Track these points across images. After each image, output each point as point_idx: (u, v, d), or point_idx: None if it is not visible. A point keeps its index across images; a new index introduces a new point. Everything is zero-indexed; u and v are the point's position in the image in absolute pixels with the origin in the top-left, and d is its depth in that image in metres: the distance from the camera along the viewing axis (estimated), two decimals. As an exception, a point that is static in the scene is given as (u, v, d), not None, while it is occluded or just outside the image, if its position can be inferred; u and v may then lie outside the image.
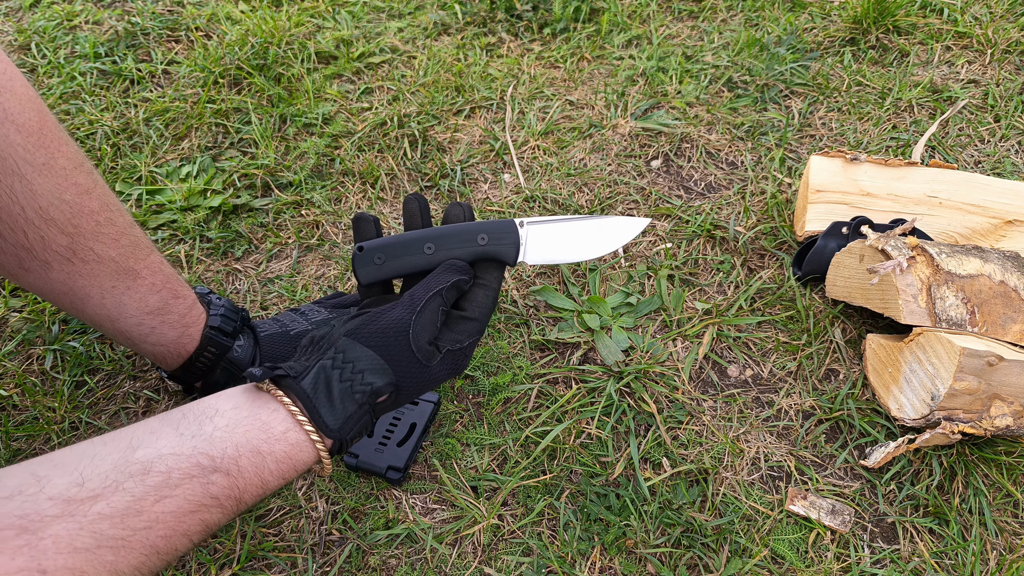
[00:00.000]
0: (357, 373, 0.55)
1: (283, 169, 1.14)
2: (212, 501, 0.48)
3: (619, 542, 0.76)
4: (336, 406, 0.54)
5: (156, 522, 0.44)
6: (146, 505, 0.44)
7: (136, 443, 0.47)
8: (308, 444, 0.53)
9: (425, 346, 0.58)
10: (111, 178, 1.13)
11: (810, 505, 0.79)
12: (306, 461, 0.54)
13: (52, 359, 0.91)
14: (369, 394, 0.56)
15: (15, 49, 1.36)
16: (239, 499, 0.50)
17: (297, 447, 0.53)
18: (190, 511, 0.46)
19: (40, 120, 0.62)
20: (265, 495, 0.52)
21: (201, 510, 0.47)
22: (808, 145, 1.16)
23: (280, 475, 0.52)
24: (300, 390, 0.54)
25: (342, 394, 0.55)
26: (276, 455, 0.51)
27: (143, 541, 0.43)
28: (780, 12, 1.40)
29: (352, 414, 0.55)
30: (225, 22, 1.38)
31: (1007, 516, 0.79)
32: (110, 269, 0.69)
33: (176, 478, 0.46)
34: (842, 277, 0.91)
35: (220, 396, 0.54)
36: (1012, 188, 0.99)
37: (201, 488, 0.47)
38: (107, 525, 0.42)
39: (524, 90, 1.26)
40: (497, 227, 0.64)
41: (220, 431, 0.50)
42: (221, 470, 0.48)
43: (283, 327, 0.83)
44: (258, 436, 0.51)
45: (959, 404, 0.76)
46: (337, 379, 0.55)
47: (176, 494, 0.45)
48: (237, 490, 0.49)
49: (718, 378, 0.90)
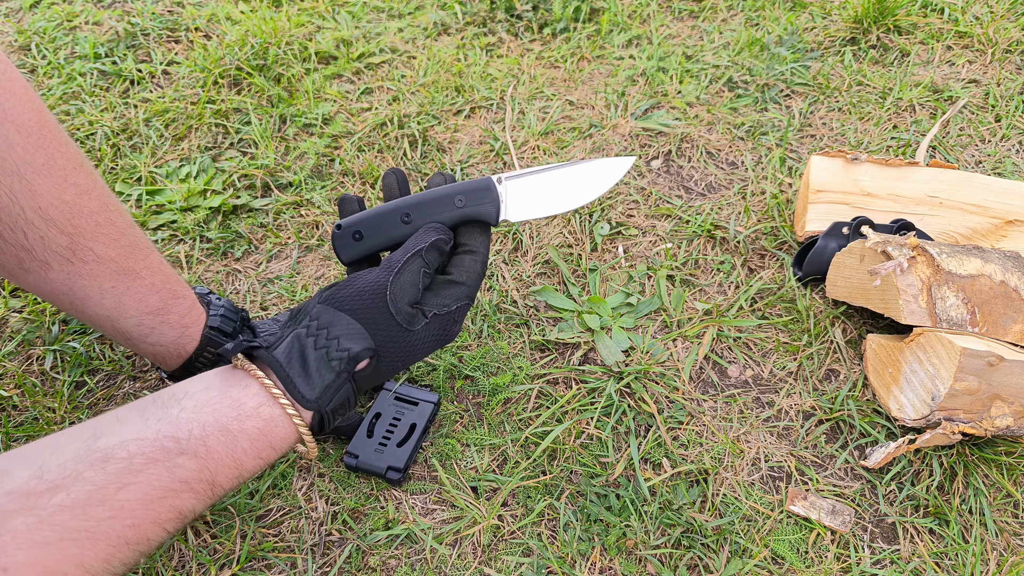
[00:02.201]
0: (332, 339, 0.53)
1: (283, 169, 1.14)
2: (181, 485, 0.45)
3: (619, 542, 0.76)
4: (312, 375, 0.51)
5: (121, 511, 0.42)
6: (108, 494, 0.42)
7: (100, 432, 0.45)
8: (284, 418, 0.51)
9: (406, 308, 0.56)
10: (111, 178, 1.13)
11: (810, 505, 0.78)
12: (283, 438, 0.51)
13: (52, 359, 0.91)
14: (347, 360, 0.53)
15: (15, 50, 1.36)
16: (212, 482, 0.47)
17: (271, 422, 0.50)
18: (158, 497, 0.44)
19: (40, 120, 0.62)
20: (243, 477, 0.49)
21: (170, 495, 0.45)
22: (808, 145, 1.16)
23: (255, 454, 0.49)
24: (272, 360, 0.52)
25: (318, 362, 0.52)
26: (248, 432, 0.49)
27: (109, 531, 0.42)
28: (780, 12, 1.40)
29: (330, 383, 0.52)
30: (225, 22, 1.38)
31: (1007, 516, 0.78)
32: (110, 269, 0.69)
33: (139, 464, 0.44)
34: (842, 277, 0.91)
35: (193, 379, 0.52)
36: (1013, 188, 0.99)
37: (167, 472, 0.45)
38: (68, 516, 0.40)
39: (524, 90, 1.26)
40: (474, 186, 0.62)
41: (187, 412, 0.48)
42: (188, 452, 0.46)
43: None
44: (227, 414, 0.49)
45: (959, 404, 0.76)
46: (312, 346, 0.52)
47: (139, 480, 0.44)
48: (208, 472, 0.47)
49: (718, 378, 0.90)
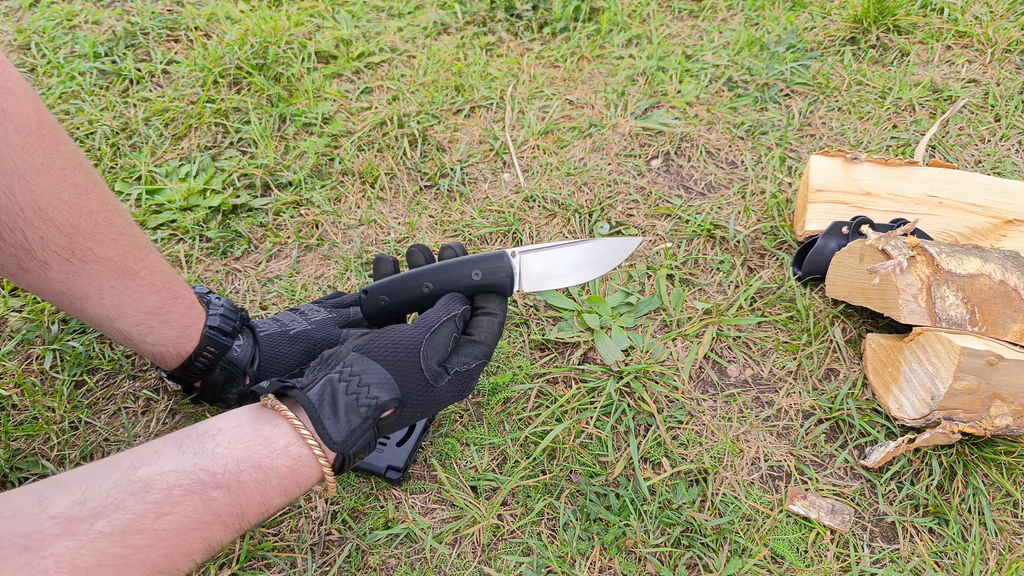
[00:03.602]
0: (363, 386, 0.56)
1: (283, 169, 1.14)
2: (214, 518, 0.47)
3: (619, 542, 0.76)
4: (340, 418, 0.54)
5: (157, 540, 0.44)
6: (147, 523, 0.44)
7: (138, 462, 0.47)
8: (311, 458, 0.53)
9: (434, 366, 0.60)
10: (110, 178, 1.13)
11: (810, 505, 0.79)
12: (308, 477, 0.54)
13: (51, 359, 0.91)
14: (374, 408, 0.56)
15: (15, 49, 1.36)
16: (241, 516, 0.49)
17: (299, 461, 0.53)
18: (192, 528, 0.46)
19: (39, 120, 0.62)
20: (267, 514, 0.52)
21: (203, 527, 0.46)
22: (808, 144, 1.16)
23: (283, 491, 0.52)
24: (306, 400, 0.55)
25: (347, 407, 0.55)
26: (278, 470, 0.51)
27: (144, 560, 0.43)
28: (780, 11, 1.40)
29: (356, 427, 0.55)
30: (225, 22, 1.38)
31: (1007, 516, 0.78)
32: (109, 269, 0.69)
33: (177, 495, 0.46)
34: (842, 277, 0.91)
35: (223, 416, 0.54)
36: (1012, 187, 0.99)
37: (202, 505, 0.47)
38: (108, 543, 0.42)
39: (524, 89, 1.26)
40: (489, 260, 0.67)
41: (221, 447, 0.50)
42: (222, 486, 0.48)
43: (282, 327, 0.83)
44: (260, 451, 0.51)
45: (959, 404, 0.76)
46: (343, 392, 0.55)
47: (176, 511, 0.45)
48: (239, 507, 0.49)
49: (718, 378, 0.90)
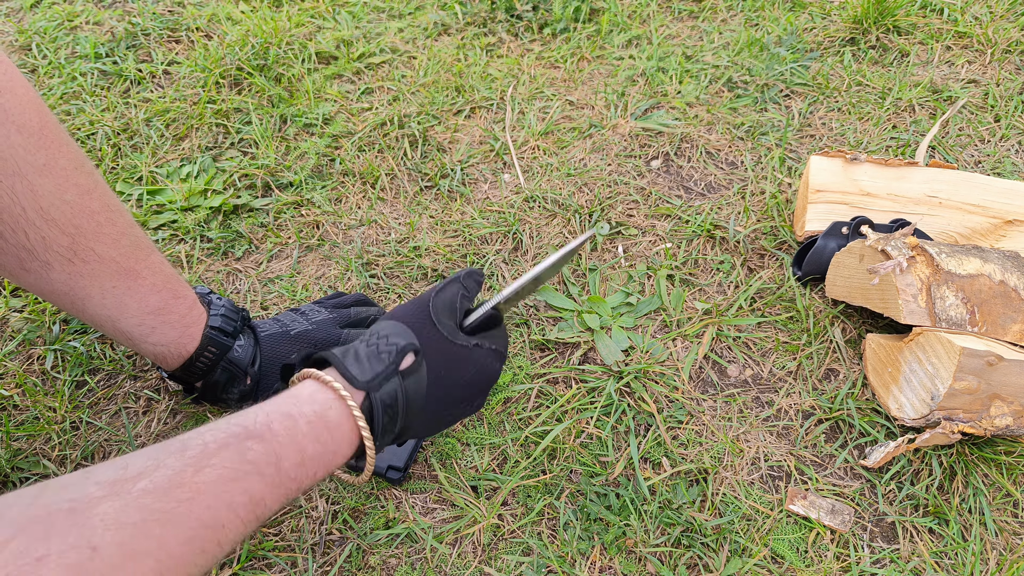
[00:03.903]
0: (382, 338, 0.60)
1: (283, 169, 1.14)
2: (251, 467, 0.49)
3: (619, 542, 0.76)
4: (363, 363, 0.58)
5: (198, 492, 0.45)
6: (187, 477, 0.45)
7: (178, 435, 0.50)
8: (336, 400, 0.56)
9: (447, 321, 0.63)
10: (112, 178, 1.13)
11: (810, 505, 0.79)
12: (337, 420, 0.55)
13: (53, 359, 0.91)
14: (395, 353, 0.58)
15: (16, 50, 1.36)
16: (278, 465, 0.50)
17: (325, 405, 0.55)
18: (231, 479, 0.47)
19: (41, 121, 0.62)
20: (305, 463, 0.52)
21: (241, 477, 0.48)
22: (808, 145, 1.16)
23: (314, 436, 0.53)
24: (331, 355, 0.58)
25: (369, 355, 0.58)
26: (306, 415, 0.53)
27: (188, 513, 0.44)
28: (780, 12, 1.40)
29: (379, 372, 0.57)
30: (225, 22, 1.38)
31: (1007, 516, 0.79)
32: (111, 269, 0.69)
33: (213, 448, 0.48)
34: (842, 277, 0.91)
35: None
36: (1012, 188, 0.99)
37: (238, 455, 0.48)
38: (151, 499, 0.43)
39: (524, 90, 1.26)
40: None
41: (252, 408, 0.53)
42: (255, 436, 0.50)
43: (283, 327, 0.84)
44: (287, 402, 0.54)
45: (959, 404, 0.76)
46: (364, 345, 0.60)
47: (214, 462, 0.47)
48: (274, 455, 0.50)
49: (718, 378, 0.90)
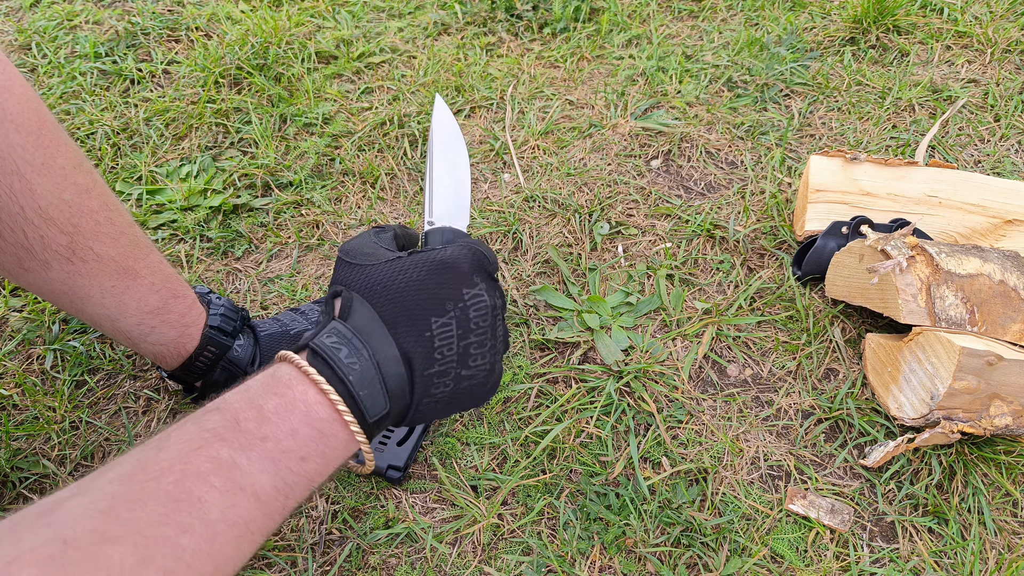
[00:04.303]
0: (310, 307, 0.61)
1: (283, 169, 1.14)
2: (210, 434, 0.49)
3: (619, 541, 0.76)
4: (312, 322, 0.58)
5: (162, 470, 0.46)
6: (148, 459, 0.46)
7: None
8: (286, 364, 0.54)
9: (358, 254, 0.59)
10: (111, 178, 1.13)
11: (809, 504, 0.79)
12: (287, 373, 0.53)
13: (52, 359, 0.91)
14: (322, 307, 0.58)
15: (15, 49, 1.36)
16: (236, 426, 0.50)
17: (276, 368, 0.54)
18: (192, 449, 0.48)
19: (39, 120, 0.62)
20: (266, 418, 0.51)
21: (203, 446, 0.48)
22: (808, 145, 1.16)
23: (267, 391, 0.52)
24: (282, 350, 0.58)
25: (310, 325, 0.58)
26: (258, 379, 0.53)
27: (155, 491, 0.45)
28: (780, 12, 1.40)
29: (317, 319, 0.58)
30: (225, 22, 1.38)
31: (1006, 515, 0.79)
32: (110, 268, 0.69)
33: (170, 430, 0.49)
34: (842, 277, 0.91)
35: None
36: (1012, 188, 0.99)
37: (195, 427, 0.49)
38: (117, 486, 0.44)
39: (524, 90, 1.26)
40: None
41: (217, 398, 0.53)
42: (211, 410, 0.50)
43: (283, 327, 0.83)
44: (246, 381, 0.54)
45: (958, 403, 0.76)
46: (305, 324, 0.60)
47: (172, 441, 0.48)
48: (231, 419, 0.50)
49: (718, 377, 0.90)
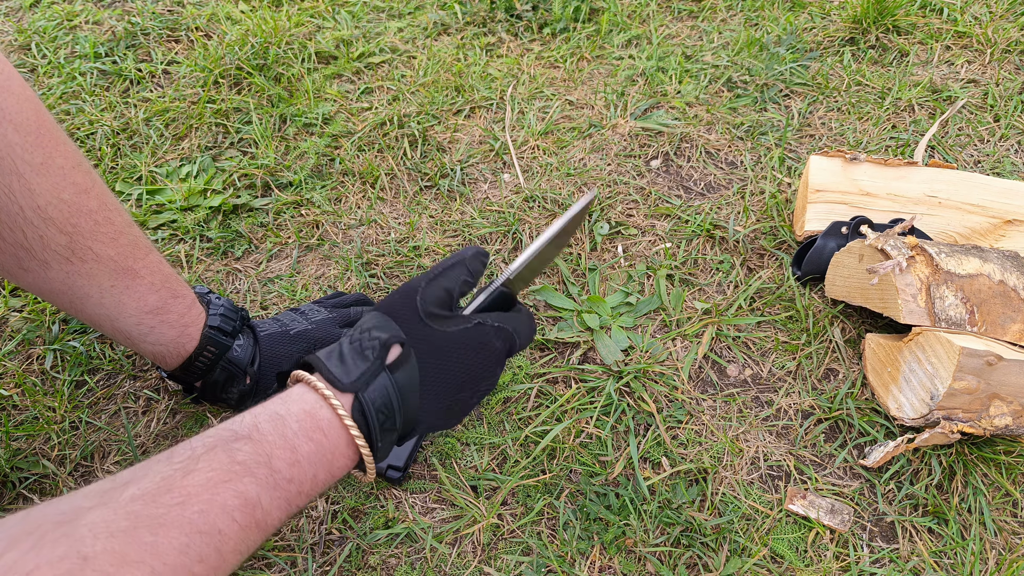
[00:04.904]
0: (365, 332, 0.58)
1: (283, 169, 1.14)
2: (241, 468, 0.48)
3: (618, 541, 0.76)
4: (348, 363, 0.56)
5: (188, 496, 0.44)
6: (175, 481, 0.45)
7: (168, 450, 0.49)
8: (322, 401, 0.54)
9: (432, 309, 0.60)
10: (111, 178, 1.13)
11: (809, 504, 0.79)
12: (327, 418, 0.54)
13: (52, 359, 0.91)
14: (378, 348, 0.56)
15: (15, 49, 1.36)
16: (269, 464, 0.49)
17: (314, 405, 0.54)
18: (221, 480, 0.46)
19: (38, 119, 0.62)
20: (299, 462, 0.51)
21: (232, 478, 0.47)
22: (808, 145, 1.16)
23: (305, 435, 0.52)
24: (315, 359, 0.57)
25: (352, 354, 0.56)
26: (295, 414, 0.53)
27: (179, 518, 0.43)
28: (780, 12, 1.40)
29: (364, 370, 0.56)
30: (225, 22, 1.38)
31: (1006, 515, 0.78)
32: (109, 268, 0.69)
33: (200, 452, 0.47)
34: (841, 277, 0.91)
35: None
36: (1011, 188, 0.99)
37: (226, 456, 0.48)
38: (140, 505, 0.42)
39: (524, 90, 1.26)
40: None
41: (242, 412, 0.53)
42: (243, 437, 0.49)
43: (283, 327, 0.83)
44: (275, 403, 0.53)
45: (958, 403, 0.76)
46: (347, 343, 0.57)
47: (201, 466, 0.46)
48: (265, 455, 0.49)
49: (717, 378, 0.90)
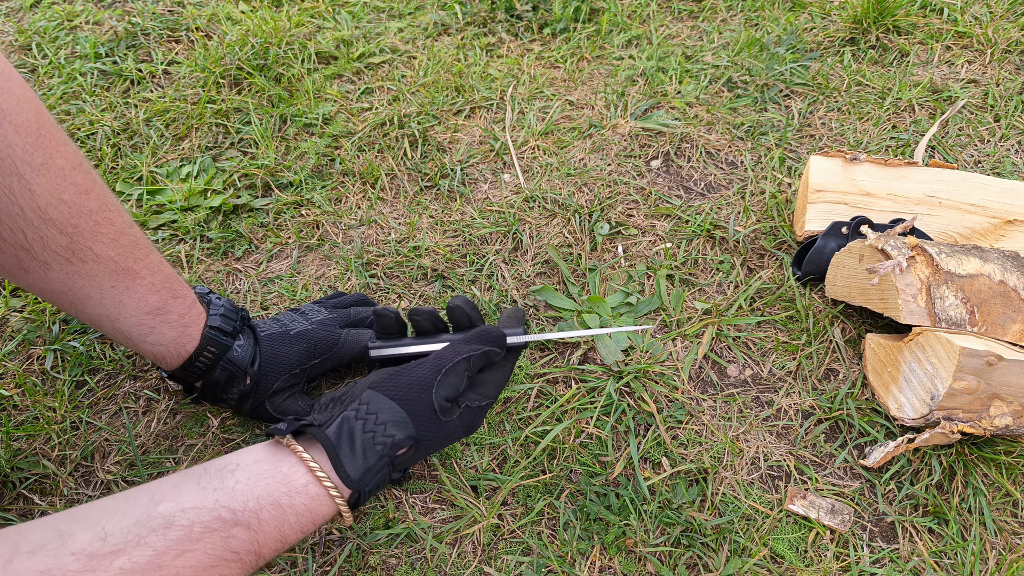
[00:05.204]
0: (380, 424, 0.57)
1: (283, 169, 1.14)
2: (232, 555, 0.48)
3: (619, 541, 0.76)
4: (358, 455, 0.55)
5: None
6: (167, 559, 0.44)
7: (158, 498, 0.48)
8: (327, 497, 0.54)
9: (444, 401, 0.61)
10: (111, 178, 1.13)
11: (809, 504, 0.79)
12: (325, 514, 0.55)
13: (52, 359, 0.91)
14: (390, 446, 0.57)
15: (16, 49, 1.36)
16: (258, 553, 0.50)
17: (317, 500, 0.54)
18: (210, 565, 0.46)
19: (38, 120, 0.62)
20: (283, 549, 0.52)
21: (221, 564, 0.47)
22: (808, 145, 1.16)
23: (299, 528, 0.53)
24: (324, 438, 0.55)
25: (364, 444, 0.56)
26: (296, 508, 0.52)
27: None
28: (780, 12, 1.40)
29: (372, 465, 0.56)
30: (225, 22, 1.38)
31: (1006, 516, 0.78)
32: (109, 269, 0.69)
33: (197, 532, 0.46)
34: (842, 277, 0.91)
35: (241, 452, 0.55)
36: (1012, 188, 0.99)
37: (222, 542, 0.47)
38: None
39: (524, 90, 1.26)
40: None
41: (241, 484, 0.51)
42: (242, 524, 0.48)
43: (283, 327, 0.83)
44: (279, 489, 0.52)
45: (958, 404, 0.76)
46: (360, 429, 0.56)
47: (197, 548, 0.46)
48: (257, 544, 0.49)
49: (718, 378, 0.90)
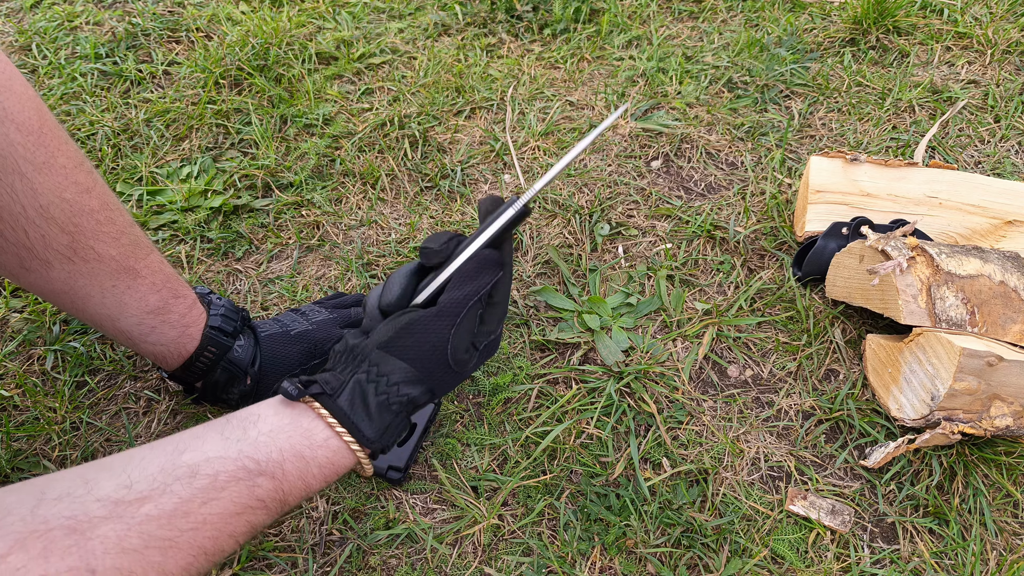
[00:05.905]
0: (392, 386, 0.56)
1: (284, 170, 1.14)
2: (258, 503, 0.48)
3: (619, 542, 0.76)
4: (374, 419, 0.56)
5: (203, 523, 0.45)
6: (193, 507, 0.45)
7: (182, 447, 0.48)
8: (348, 451, 0.55)
9: (462, 356, 0.59)
10: (112, 179, 1.13)
11: (810, 505, 0.79)
12: (346, 465, 0.56)
13: (53, 359, 0.91)
14: (406, 403, 0.57)
15: (16, 50, 1.36)
16: (283, 501, 0.51)
17: (338, 453, 0.55)
18: (236, 512, 0.47)
19: (40, 119, 0.62)
20: (308, 496, 0.53)
21: (247, 512, 0.48)
22: (808, 145, 1.16)
23: (323, 478, 0.54)
24: (337, 409, 0.55)
25: (379, 407, 0.56)
26: (319, 460, 0.53)
27: (191, 542, 0.44)
28: (780, 13, 1.40)
29: (389, 424, 0.57)
30: (226, 23, 1.39)
31: (1007, 516, 0.79)
32: (110, 268, 0.69)
33: (223, 481, 0.47)
34: (842, 277, 0.91)
35: (261, 404, 0.56)
36: (1012, 188, 0.99)
37: (247, 491, 0.48)
38: (155, 526, 0.42)
39: (524, 91, 1.26)
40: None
41: (264, 436, 0.51)
42: (267, 473, 0.49)
43: (284, 327, 0.84)
44: (301, 442, 0.53)
45: (959, 404, 0.76)
46: (373, 392, 0.56)
47: (223, 496, 0.46)
48: (282, 492, 0.50)
49: (718, 378, 0.90)
